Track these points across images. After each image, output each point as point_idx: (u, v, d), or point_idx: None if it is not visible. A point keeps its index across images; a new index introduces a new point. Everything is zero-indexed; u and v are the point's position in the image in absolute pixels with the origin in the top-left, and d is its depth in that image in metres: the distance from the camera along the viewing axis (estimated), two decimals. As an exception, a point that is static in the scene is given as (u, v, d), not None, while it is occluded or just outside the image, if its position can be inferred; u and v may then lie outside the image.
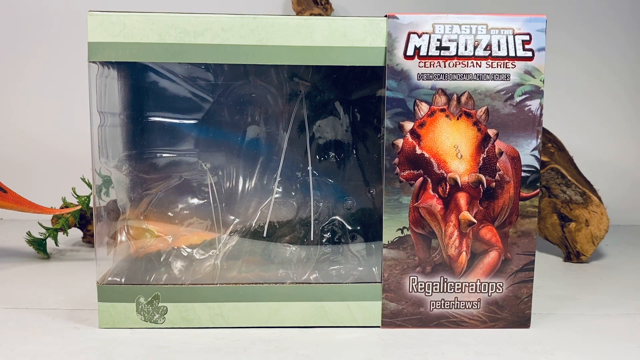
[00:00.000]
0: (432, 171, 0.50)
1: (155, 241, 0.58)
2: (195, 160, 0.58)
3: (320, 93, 0.60)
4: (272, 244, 0.58)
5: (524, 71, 0.49)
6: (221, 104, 0.58)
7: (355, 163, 0.62)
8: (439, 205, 0.50)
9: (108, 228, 0.55)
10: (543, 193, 0.78)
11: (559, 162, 0.80)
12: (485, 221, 0.51)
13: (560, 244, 0.79)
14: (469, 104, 0.50)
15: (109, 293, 0.52)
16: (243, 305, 0.52)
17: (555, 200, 0.77)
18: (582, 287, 0.66)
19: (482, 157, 0.50)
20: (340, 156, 0.61)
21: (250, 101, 0.59)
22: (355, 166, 0.62)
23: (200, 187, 0.59)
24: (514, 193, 0.51)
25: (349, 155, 0.61)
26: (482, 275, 0.52)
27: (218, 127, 0.59)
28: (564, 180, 0.77)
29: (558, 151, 0.82)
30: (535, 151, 0.50)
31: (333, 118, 0.60)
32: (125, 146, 0.56)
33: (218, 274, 0.56)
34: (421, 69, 0.49)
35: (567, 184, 0.77)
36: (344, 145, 0.61)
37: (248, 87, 0.59)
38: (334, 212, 0.60)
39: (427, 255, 0.51)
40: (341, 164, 0.61)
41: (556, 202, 0.77)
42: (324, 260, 0.57)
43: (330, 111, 0.60)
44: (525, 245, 0.52)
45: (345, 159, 0.61)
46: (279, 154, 0.60)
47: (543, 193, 0.78)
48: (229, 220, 0.59)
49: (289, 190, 0.61)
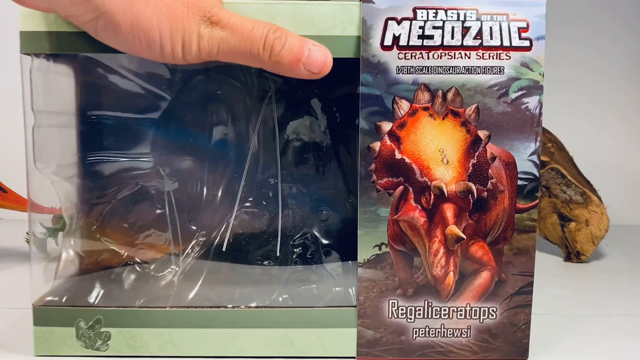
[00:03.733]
0: (414, 179, 0.46)
1: (107, 256, 0.53)
2: (153, 164, 0.54)
3: (294, 90, 0.55)
4: (237, 260, 0.54)
5: (521, 63, 0.45)
6: (181, 102, 0.54)
7: (336, 168, 0.57)
8: (422, 218, 0.46)
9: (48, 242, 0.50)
10: (543, 193, 0.80)
11: (559, 162, 0.81)
12: (475, 237, 0.47)
13: (560, 244, 0.81)
14: (456, 101, 0.45)
15: (45, 316, 0.47)
16: (197, 332, 0.47)
17: (555, 200, 0.79)
18: (582, 287, 0.68)
19: (472, 162, 0.46)
20: (318, 160, 0.57)
21: (216, 99, 0.55)
22: (336, 172, 0.57)
23: (159, 195, 0.54)
24: (509, 204, 0.47)
25: (328, 159, 0.57)
26: (473, 298, 0.47)
27: (179, 128, 0.55)
28: (564, 180, 0.79)
29: (558, 151, 0.83)
30: (534, 156, 0.46)
31: (309, 118, 0.56)
32: (70, 149, 0.51)
33: (174, 294, 0.51)
34: (401, 61, 0.45)
35: (567, 184, 0.79)
36: (322, 148, 0.57)
37: (212, 84, 0.54)
38: (308, 224, 0.55)
39: (408, 276, 0.47)
40: (319, 169, 0.57)
41: (556, 202, 0.79)
42: (295, 279, 0.52)
43: (306, 110, 0.56)
44: (522, 265, 0.47)
45: (323, 163, 0.57)
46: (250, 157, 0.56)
47: (543, 193, 0.80)
48: (192, 232, 0.55)
49: (260, 198, 0.56)
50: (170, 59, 0.41)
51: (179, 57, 0.41)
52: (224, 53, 0.42)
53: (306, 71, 0.43)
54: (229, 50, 0.41)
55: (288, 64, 0.42)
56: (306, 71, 0.43)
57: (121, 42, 0.41)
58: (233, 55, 0.42)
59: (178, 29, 0.40)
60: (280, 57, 0.42)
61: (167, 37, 0.40)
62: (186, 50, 0.41)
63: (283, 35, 0.42)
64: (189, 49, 0.41)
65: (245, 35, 0.41)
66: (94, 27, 0.41)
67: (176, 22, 0.40)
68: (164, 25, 0.40)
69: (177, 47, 0.41)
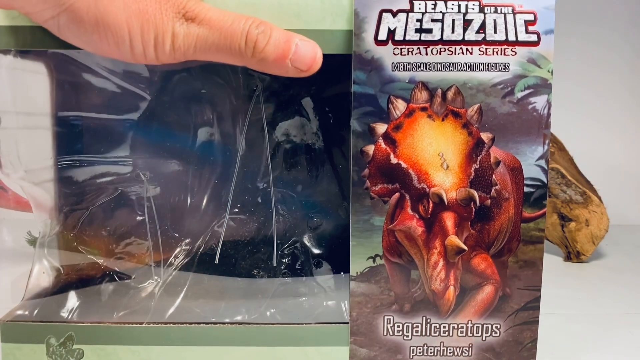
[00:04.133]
0: (411, 185, 0.43)
1: (84, 266, 0.51)
2: (132, 168, 0.52)
3: (284, 88, 0.53)
4: (222, 271, 0.52)
5: (527, 59, 0.42)
6: (162, 101, 0.52)
7: (329, 172, 0.55)
8: (420, 227, 0.43)
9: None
10: None
11: (559, 162, 0.81)
12: (478, 248, 0.44)
13: (560, 244, 0.82)
14: (457, 100, 0.42)
15: (14, 332, 0.45)
16: (175, 350, 0.44)
17: (555, 200, 0.80)
18: (582, 287, 0.69)
19: (474, 167, 0.43)
20: (310, 164, 0.54)
21: (200, 98, 0.52)
22: (329, 176, 0.55)
23: (140, 201, 0.52)
24: (515, 213, 0.44)
25: (320, 162, 0.54)
26: (475, 315, 0.44)
27: (160, 129, 0.52)
28: (564, 180, 0.79)
29: (558, 151, 0.84)
30: (542, 160, 0.43)
31: (300, 118, 0.54)
32: (41, 153, 0.49)
33: (154, 307, 0.48)
34: (397, 57, 0.42)
35: (567, 184, 0.79)
36: (315, 150, 0.54)
37: (195, 82, 0.52)
38: (298, 232, 0.52)
39: (405, 290, 0.44)
40: (311, 173, 0.54)
41: (556, 202, 0.80)
42: (283, 292, 0.50)
43: (297, 110, 0.54)
44: (528, 278, 0.44)
45: (315, 167, 0.54)
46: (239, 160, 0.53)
47: None
48: (175, 240, 0.52)
49: (247, 204, 0.54)
50: (142, 60, 0.38)
51: (152, 57, 0.38)
52: (202, 51, 0.38)
53: (294, 68, 0.40)
54: (208, 48, 0.38)
55: (273, 61, 0.39)
56: (294, 68, 0.40)
57: (86, 41, 0.37)
58: (212, 53, 0.39)
59: (149, 27, 0.37)
60: (264, 53, 0.39)
61: (137, 36, 0.37)
62: (159, 50, 0.38)
63: (267, 30, 0.39)
64: (163, 48, 0.38)
65: (225, 30, 0.38)
66: (56, 25, 0.37)
67: (147, 20, 0.37)
68: (133, 24, 0.36)
69: (149, 47, 0.37)
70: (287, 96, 0.53)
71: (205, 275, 0.51)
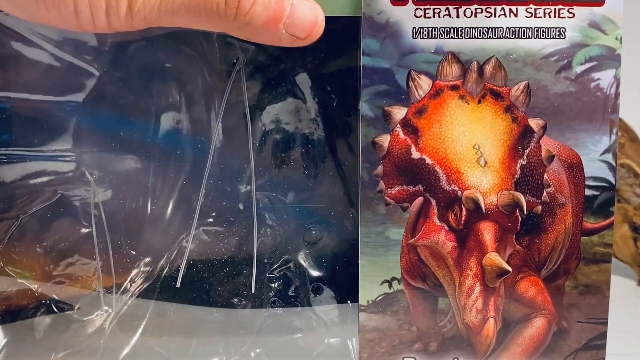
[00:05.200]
0: (438, 187, 0.45)
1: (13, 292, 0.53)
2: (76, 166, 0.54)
3: (274, 62, 0.55)
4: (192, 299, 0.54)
5: (589, 23, 0.44)
6: (115, 78, 0.54)
7: (331, 170, 0.57)
8: (451, 242, 0.45)
9: None
10: None
11: (631, 157, 0.80)
12: (525, 269, 0.46)
13: (632, 263, 0.80)
14: (497, 77, 0.44)
15: None
16: None
17: (626, 206, 0.78)
18: None
19: (520, 164, 0.45)
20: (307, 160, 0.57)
21: (163, 74, 0.54)
22: (331, 175, 0.57)
23: (86, 208, 0.54)
24: (573, 223, 0.46)
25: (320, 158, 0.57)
26: (522, 356, 0.47)
27: (112, 115, 0.54)
28: (638, 180, 0.78)
29: (630, 142, 0.83)
30: (608, 154, 0.45)
31: (294, 101, 0.56)
32: None
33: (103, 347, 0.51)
34: (419, 21, 0.43)
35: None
36: (313, 142, 0.57)
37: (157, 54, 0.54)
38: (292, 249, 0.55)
39: (431, 324, 0.47)
40: (308, 172, 0.57)
41: (627, 209, 0.78)
42: (272, 326, 0.53)
43: (290, 90, 0.56)
44: (591, 308, 0.46)
45: (314, 164, 0.57)
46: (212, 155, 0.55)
47: None
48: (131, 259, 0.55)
49: (226, 213, 0.56)
50: (91, 28, 0.39)
51: (103, 24, 0.39)
52: (169, 14, 0.40)
53: (288, 36, 0.41)
54: (175, 10, 0.39)
55: (262, 26, 0.40)
56: (288, 36, 0.41)
57: (19, 5, 0.38)
58: (181, 17, 0.40)
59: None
60: (250, 15, 0.40)
61: None
62: (112, 15, 0.39)
63: None
64: (116, 13, 0.39)
65: None
66: None
67: None
68: None
69: (99, 12, 0.39)
70: (277, 72, 0.55)
71: (170, 304, 0.54)
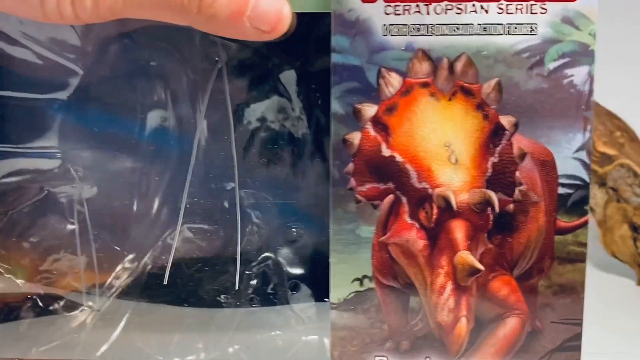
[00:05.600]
0: (409, 185, 0.45)
1: None
2: (61, 162, 0.55)
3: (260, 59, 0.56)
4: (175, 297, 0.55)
5: (562, 19, 0.43)
6: (99, 77, 0.54)
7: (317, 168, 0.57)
8: (422, 240, 0.45)
9: None
10: (610, 197, 0.80)
11: (630, 156, 0.81)
12: (498, 268, 0.46)
13: (632, 263, 0.81)
14: (468, 74, 0.44)
15: None
16: None
17: (626, 206, 0.79)
18: None
19: (492, 161, 0.45)
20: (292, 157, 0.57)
21: (148, 73, 0.55)
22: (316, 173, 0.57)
23: (72, 205, 0.55)
24: (546, 221, 0.46)
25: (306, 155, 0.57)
26: (495, 356, 0.47)
27: (97, 112, 0.55)
28: (637, 179, 0.79)
29: (629, 142, 0.83)
30: (582, 152, 0.44)
31: (279, 99, 0.56)
32: None
33: (84, 341, 0.52)
34: (389, 18, 0.44)
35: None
36: (298, 140, 0.57)
37: (141, 52, 0.54)
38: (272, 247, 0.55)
39: (402, 323, 0.47)
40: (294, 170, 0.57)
41: (627, 209, 0.79)
42: (251, 324, 0.53)
43: (275, 88, 0.56)
44: (566, 309, 0.46)
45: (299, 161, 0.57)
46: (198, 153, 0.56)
47: (610, 197, 0.80)
48: (116, 256, 0.55)
49: (211, 211, 0.57)
50: (57, 18, 0.40)
51: (69, 15, 0.40)
52: (134, 6, 0.40)
53: (253, 29, 0.41)
54: (140, 2, 0.40)
55: (227, 19, 0.41)
56: (253, 29, 0.41)
57: None
58: (146, 9, 0.40)
59: None
60: (214, 8, 0.40)
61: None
62: (78, 5, 0.39)
63: None
64: (82, 4, 0.39)
65: None
66: None
67: None
68: None
69: (64, 3, 0.39)
70: (262, 69, 0.55)
71: (153, 302, 0.54)
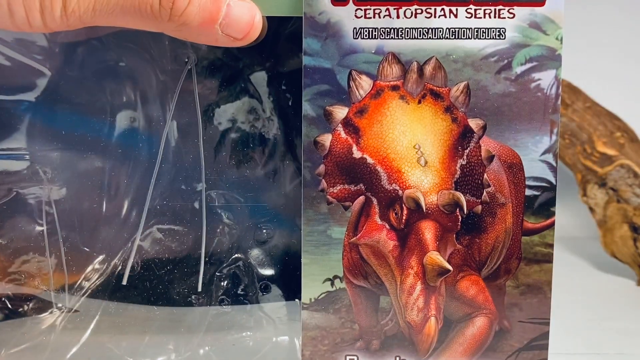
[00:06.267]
0: (379, 187, 0.45)
1: None
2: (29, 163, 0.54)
3: (230, 60, 0.56)
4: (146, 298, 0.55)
5: (529, 23, 0.44)
6: (67, 77, 0.54)
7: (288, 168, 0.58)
8: (392, 241, 0.46)
9: None
10: (610, 197, 0.81)
11: (630, 157, 0.82)
12: (466, 268, 0.47)
13: (632, 263, 0.81)
14: (437, 77, 0.45)
15: None
16: None
17: (626, 207, 0.80)
18: None
19: (460, 164, 0.46)
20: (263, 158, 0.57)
21: (118, 73, 0.54)
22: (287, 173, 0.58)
23: (41, 206, 0.54)
24: (514, 223, 0.46)
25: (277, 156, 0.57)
26: (463, 355, 0.47)
27: (65, 113, 0.54)
28: (637, 179, 0.80)
29: (629, 142, 0.84)
30: (548, 155, 0.45)
31: (249, 100, 0.56)
32: None
33: (52, 344, 0.51)
34: (360, 21, 0.44)
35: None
36: (269, 140, 0.57)
37: (109, 53, 0.54)
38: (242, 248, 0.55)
39: (373, 322, 0.47)
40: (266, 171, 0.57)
41: (627, 209, 0.80)
42: (221, 324, 0.53)
43: (245, 89, 0.56)
44: (533, 308, 0.47)
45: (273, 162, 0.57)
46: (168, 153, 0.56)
47: (610, 197, 0.81)
48: (86, 257, 0.55)
49: (182, 212, 0.56)
50: (26, 27, 0.40)
51: (38, 24, 0.39)
52: (104, 14, 0.40)
53: (224, 36, 0.41)
54: (110, 10, 0.40)
55: (198, 27, 0.41)
56: (224, 36, 0.41)
57: None
58: (117, 16, 0.40)
59: None
60: (185, 17, 0.40)
61: None
62: (47, 15, 0.39)
63: None
64: (51, 13, 0.39)
65: None
66: None
67: None
68: None
69: (34, 12, 0.39)
70: (233, 70, 0.55)
71: (123, 302, 0.54)
